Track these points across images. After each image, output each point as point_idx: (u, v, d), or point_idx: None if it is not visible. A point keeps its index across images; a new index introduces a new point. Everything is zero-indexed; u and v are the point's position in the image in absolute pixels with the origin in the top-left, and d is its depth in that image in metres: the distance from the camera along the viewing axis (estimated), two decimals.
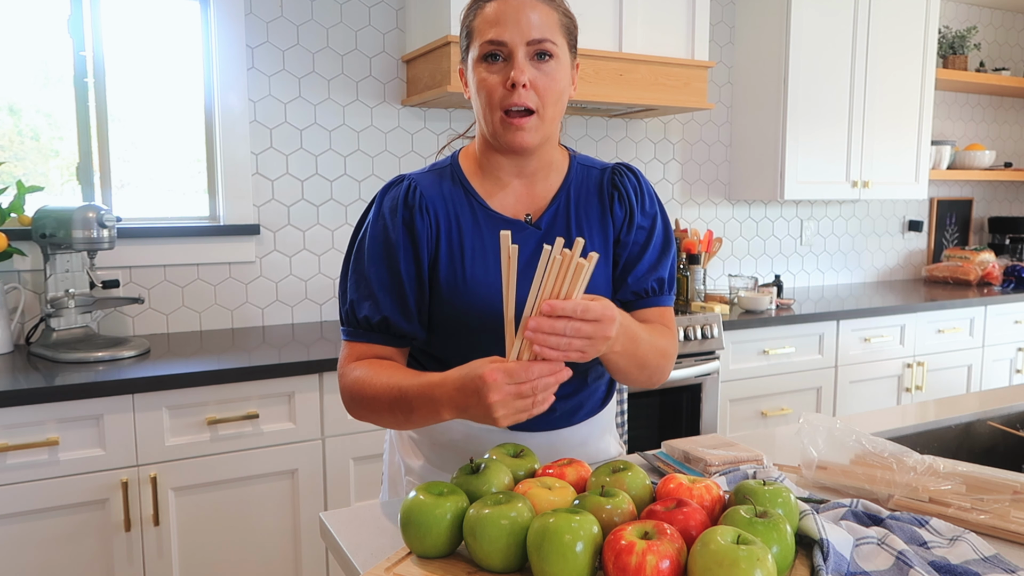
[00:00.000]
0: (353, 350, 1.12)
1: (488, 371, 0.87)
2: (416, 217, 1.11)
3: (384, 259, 1.11)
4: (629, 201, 1.17)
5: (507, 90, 1.05)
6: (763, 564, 0.68)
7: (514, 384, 0.86)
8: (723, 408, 2.70)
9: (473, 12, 1.09)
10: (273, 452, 1.95)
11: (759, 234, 3.46)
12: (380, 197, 1.15)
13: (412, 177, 1.15)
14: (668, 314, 1.20)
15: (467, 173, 1.16)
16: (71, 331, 2.08)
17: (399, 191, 1.13)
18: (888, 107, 3.26)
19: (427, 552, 0.83)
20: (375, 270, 1.11)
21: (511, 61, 1.05)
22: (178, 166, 2.44)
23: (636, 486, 0.90)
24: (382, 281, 1.10)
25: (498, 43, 1.05)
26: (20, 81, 2.23)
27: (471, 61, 1.09)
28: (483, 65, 1.07)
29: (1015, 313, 3.41)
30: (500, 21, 1.04)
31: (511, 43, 1.04)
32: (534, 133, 1.07)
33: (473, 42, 1.08)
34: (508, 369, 0.87)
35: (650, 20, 2.62)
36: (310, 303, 2.57)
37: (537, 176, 1.16)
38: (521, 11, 1.05)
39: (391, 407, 1.01)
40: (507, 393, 0.86)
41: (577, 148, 2.98)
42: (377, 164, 2.62)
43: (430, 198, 1.12)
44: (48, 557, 1.74)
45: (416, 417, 0.99)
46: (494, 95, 1.06)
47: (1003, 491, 1.02)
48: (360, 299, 1.11)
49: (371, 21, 2.57)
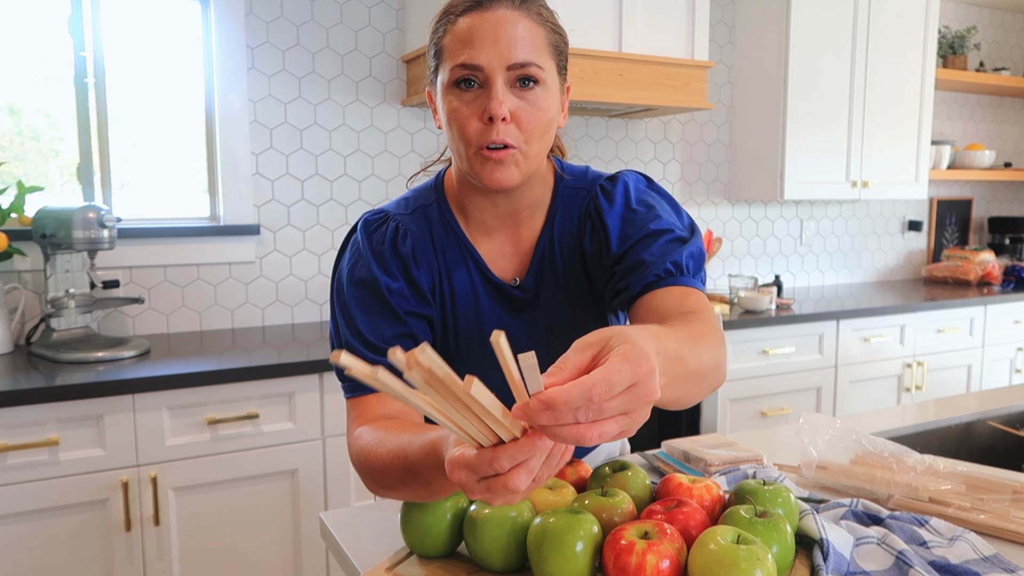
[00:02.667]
0: (360, 409, 0.92)
1: (450, 471, 0.62)
2: (411, 268, 0.97)
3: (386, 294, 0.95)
4: (604, 228, 0.98)
5: (484, 124, 0.88)
6: (763, 564, 0.68)
7: (484, 479, 0.60)
8: (723, 408, 2.70)
9: (443, 27, 0.91)
10: (273, 452, 1.95)
11: (759, 234, 3.46)
12: (363, 237, 0.98)
13: (396, 216, 0.99)
14: (694, 296, 0.92)
15: (455, 212, 1.01)
16: (71, 331, 2.08)
17: (384, 235, 0.97)
18: (888, 107, 3.27)
19: (427, 552, 0.83)
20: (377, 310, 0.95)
21: (488, 88, 0.87)
22: (178, 166, 2.44)
23: (636, 486, 0.90)
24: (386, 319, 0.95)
25: (472, 67, 0.87)
26: (20, 81, 2.23)
27: (440, 85, 0.91)
28: (454, 92, 0.89)
29: (1015, 313, 3.41)
30: (475, 40, 0.86)
31: (488, 67, 0.86)
32: (514, 170, 0.90)
33: (443, 63, 0.90)
34: (469, 464, 0.60)
35: (650, 20, 2.62)
36: (310, 303, 2.57)
37: (521, 217, 1.00)
38: (500, 27, 0.86)
39: (405, 480, 0.78)
40: (481, 489, 0.61)
41: (577, 148, 2.97)
42: (377, 164, 2.62)
43: (421, 244, 0.98)
44: (48, 557, 1.74)
45: (436, 487, 0.75)
46: (468, 130, 0.88)
47: (1003, 491, 1.02)
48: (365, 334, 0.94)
49: (371, 21, 2.57)
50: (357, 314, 0.95)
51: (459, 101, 0.89)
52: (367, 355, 0.93)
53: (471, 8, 0.88)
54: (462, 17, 0.88)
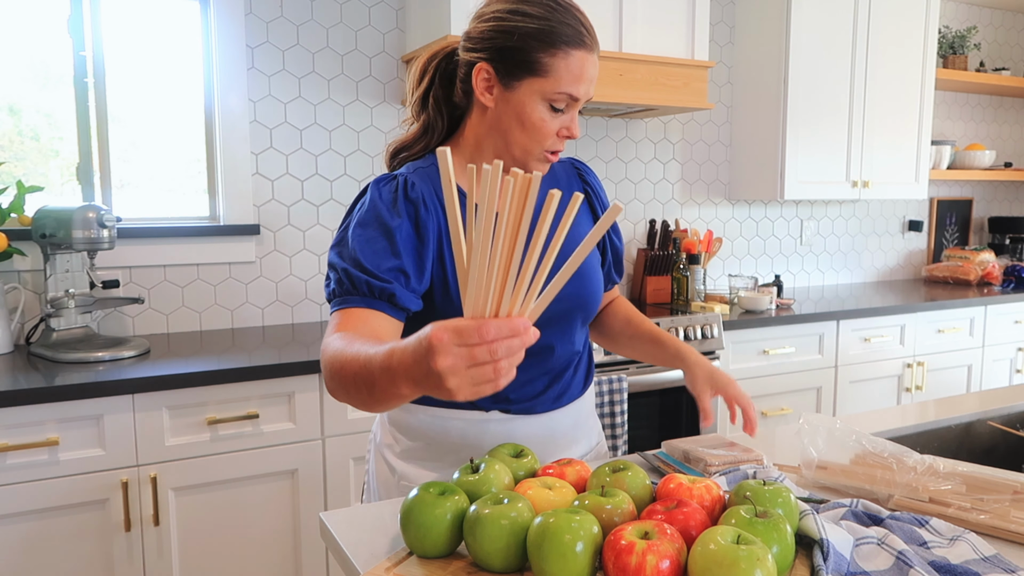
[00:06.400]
0: (343, 319, 1.00)
1: (434, 331, 0.68)
2: (420, 210, 1.08)
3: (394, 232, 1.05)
4: (600, 200, 1.28)
5: (557, 138, 1.11)
6: (763, 564, 0.68)
7: (466, 347, 0.67)
8: (723, 408, 2.70)
9: (552, 50, 1.06)
10: (273, 452, 1.95)
11: (759, 234, 3.46)
12: (375, 189, 1.10)
13: (405, 175, 1.11)
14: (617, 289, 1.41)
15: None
16: (71, 331, 2.08)
17: (396, 184, 1.09)
18: (888, 107, 3.26)
19: (427, 552, 0.83)
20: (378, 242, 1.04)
21: (570, 113, 1.10)
22: (178, 166, 2.44)
23: (636, 486, 0.90)
24: (386, 250, 1.04)
25: (575, 99, 1.08)
26: (20, 81, 2.23)
27: (528, 91, 1.08)
28: (545, 106, 1.08)
29: (1015, 313, 3.41)
30: (584, 78, 1.07)
31: (582, 100, 1.09)
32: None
33: (546, 80, 1.07)
34: (457, 328, 0.67)
35: (650, 20, 2.62)
36: (310, 303, 2.57)
37: None
38: (593, 71, 1.09)
39: (355, 379, 0.84)
40: (458, 357, 0.67)
41: (577, 148, 2.98)
42: (377, 164, 2.62)
43: (428, 193, 1.10)
44: (48, 557, 1.74)
45: (378, 393, 0.81)
46: (547, 139, 1.10)
47: (1003, 491, 1.02)
48: (361, 259, 1.03)
49: (371, 21, 2.57)
50: (359, 247, 1.04)
51: (550, 116, 1.09)
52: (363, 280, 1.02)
53: (581, 46, 1.07)
54: (576, 51, 1.06)
